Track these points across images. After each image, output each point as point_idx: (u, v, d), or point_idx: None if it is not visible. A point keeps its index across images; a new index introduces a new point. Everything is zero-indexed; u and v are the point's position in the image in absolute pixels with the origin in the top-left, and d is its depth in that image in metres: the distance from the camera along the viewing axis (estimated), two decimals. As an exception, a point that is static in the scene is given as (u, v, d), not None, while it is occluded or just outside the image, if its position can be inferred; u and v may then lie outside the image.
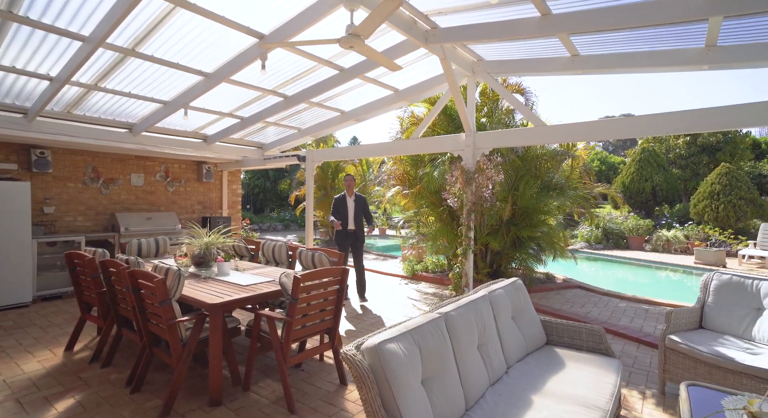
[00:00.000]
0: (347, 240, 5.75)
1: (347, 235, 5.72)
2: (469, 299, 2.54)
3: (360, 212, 5.77)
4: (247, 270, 4.14)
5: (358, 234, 5.77)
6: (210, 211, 8.54)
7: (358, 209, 5.76)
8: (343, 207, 5.73)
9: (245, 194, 22.63)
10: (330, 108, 6.28)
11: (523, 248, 6.76)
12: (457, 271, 4.90)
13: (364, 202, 5.87)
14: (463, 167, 4.95)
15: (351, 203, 5.76)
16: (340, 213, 5.70)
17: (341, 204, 5.75)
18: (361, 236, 5.78)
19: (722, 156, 17.64)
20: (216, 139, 6.72)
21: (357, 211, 5.75)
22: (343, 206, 5.73)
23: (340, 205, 5.75)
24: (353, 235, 5.76)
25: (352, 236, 5.75)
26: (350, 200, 5.76)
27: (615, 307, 5.78)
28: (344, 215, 5.69)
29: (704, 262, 10.00)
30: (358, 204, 5.79)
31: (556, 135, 4.37)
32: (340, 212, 5.70)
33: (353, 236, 5.76)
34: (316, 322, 3.22)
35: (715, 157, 17.88)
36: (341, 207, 5.73)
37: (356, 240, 5.77)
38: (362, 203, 5.83)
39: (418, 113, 7.17)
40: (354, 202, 5.77)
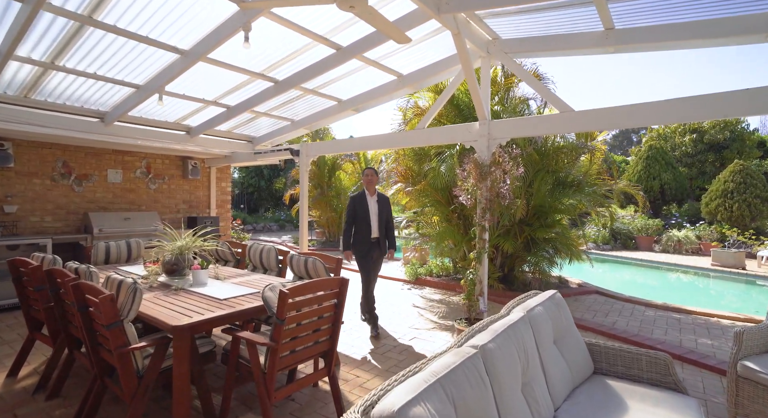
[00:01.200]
0: (370, 250, 4.37)
1: (370, 244, 4.37)
2: (505, 322, 1.95)
3: (384, 215, 4.46)
4: (228, 279, 3.54)
5: (383, 244, 4.46)
6: (197, 210, 7.92)
7: (381, 212, 4.45)
8: (362, 209, 4.39)
9: (239, 194, 21.98)
10: (326, 96, 5.68)
11: (537, 250, 6.19)
12: (471, 278, 4.31)
13: (387, 204, 4.53)
14: (476, 160, 4.37)
15: (373, 204, 4.44)
16: (359, 217, 4.39)
17: (360, 205, 4.40)
18: (385, 247, 4.51)
19: (729, 154, 17.19)
20: (200, 130, 6.10)
21: (381, 214, 4.44)
22: (363, 208, 4.39)
23: (359, 206, 4.40)
24: (377, 245, 4.42)
25: (376, 245, 4.41)
26: (372, 200, 4.44)
27: (642, 316, 5.22)
28: (364, 220, 4.37)
29: (722, 264, 9.48)
30: (382, 206, 4.47)
31: (585, 122, 3.79)
32: (358, 216, 4.40)
33: (377, 245, 4.41)
34: (308, 345, 2.62)
35: (722, 155, 17.43)
36: (360, 209, 4.39)
37: (380, 252, 4.46)
38: (386, 206, 4.51)
39: (422, 105, 6.58)
40: (377, 203, 4.46)
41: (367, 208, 4.43)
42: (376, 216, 4.43)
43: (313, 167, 12.79)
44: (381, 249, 4.48)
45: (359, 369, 3.57)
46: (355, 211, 4.44)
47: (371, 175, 4.53)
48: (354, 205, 4.47)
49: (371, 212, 4.42)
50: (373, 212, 4.43)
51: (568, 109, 3.90)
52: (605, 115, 3.66)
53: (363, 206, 4.42)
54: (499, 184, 4.27)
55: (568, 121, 3.90)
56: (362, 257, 4.42)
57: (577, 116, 3.84)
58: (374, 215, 4.43)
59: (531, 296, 2.56)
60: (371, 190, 4.52)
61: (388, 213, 4.53)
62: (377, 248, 4.46)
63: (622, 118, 3.55)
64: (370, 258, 4.42)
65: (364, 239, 4.39)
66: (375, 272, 4.53)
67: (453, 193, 4.52)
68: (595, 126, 3.71)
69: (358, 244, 4.41)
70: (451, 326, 4.84)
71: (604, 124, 3.65)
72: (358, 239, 4.41)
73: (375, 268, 4.52)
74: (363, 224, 4.39)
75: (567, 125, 3.91)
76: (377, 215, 4.43)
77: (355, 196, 4.54)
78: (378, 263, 4.54)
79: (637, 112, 3.48)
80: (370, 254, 4.40)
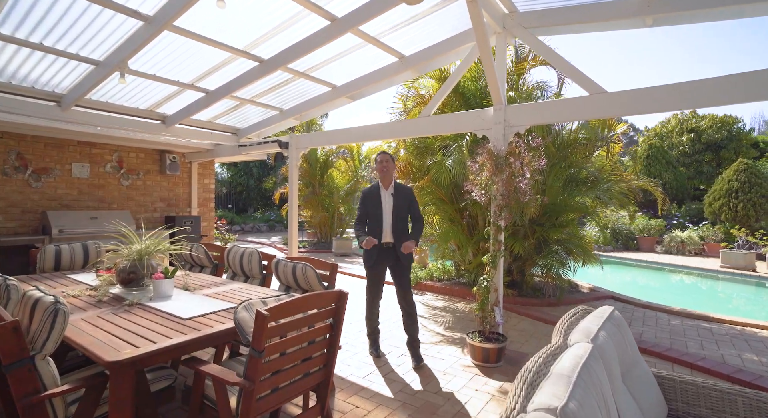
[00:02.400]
0: (381, 260, 3.54)
1: (381, 252, 3.52)
2: (573, 361, 1.38)
3: (403, 213, 3.56)
4: (200, 290, 2.92)
5: (399, 251, 3.50)
6: (176, 209, 7.24)
7: (399, 208, 3.53)
8: (374, 206, 3.55)
9: (227, 193, 21.21)
10: (318, 81, 5.08)
11: (548, 253, 5.66)
12: (485, 285, 3.75)
13: (409, 196, 3.62)
14: (491, 150, 3.81)
15: (388, 199, 3.54)
16: (371, 216, 3.57)
17: (372, 201, 3.56)
18: (405, 256, 3.52)
19: (726, 153, 17.00)
20: (177, 119, 5.45)
21: (398, 212, 3.52)
22: (375, 204, 3.55)
23: (370, 202, 3.57)
24: (390, 252, 3.53)
25: (388, 253, 3.54)
26: (386, 194, 3.55)
27: (669, 326, 4.72)
28: (376, 219, 3.53)
29: (732, 265, 9.10)
30: (401, 201, 3.54)
31: (621, 105, 3.25)
32: (370, 215, 3.58)
33: (390, 253, 3.53)
34: (296, 379, 2.03)
35: (719, 155, 17.23)
36: (372, 205, 3.55)
37: (396, 261, 3.55)
38: (407, 199, 3.58)
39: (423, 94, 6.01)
40: (393, 197, 3.54)
41: (379, 204, 3.53)
42: (390, 215, 3.51)
43: (304, 165, 12.16)
44: (398, 257, 3.50)
45: (358, 397, 2.98)
46: (365, 208, 3.60)
47: (386, 162, 3.56)
48: (365, 201, 3.61)
49: (384, 210, 3.51)
50: (387, 209, 3.51)
51: (600, 91, 3.37)
52: (645, 96, 3.13)
53: (375, 202, 3.56)
54: (517, 178, 3.72)
55: (599, 105, 3.36)
56: (370, 267, 3.60)
57: (611, 99, 3.30)
58: (388, 213, 3.51)
59: (582, 315, 2.00)
60: (386, 181, 3.59)
61: (408, 210, 3.59)
62: (390, 257, 3.53)
63: (667, 99, 3.02)
64: (380, 269, 3.59)
65: (375, 244, 3.50)
66: (399, 283, 3.59)
67: (464, 188, 3.95)
68: (631, 109, 3.18)
69: (367, 253, 3.56)
70: (459, 339, 4.27)
71: (644, 106, 3.12)
72: (368, 248, 3.56)
73: (397, 280, 3.60)
74: (374, 224, 3.55)
75: (598, 109, 3.37)
76: (392, 214, 3.51)
77: (366, 190, 3.69)
78: (398, 273, 3.56)
79: (686, 92, 2.95)
80: (380, 263, 3.56)
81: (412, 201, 3.64)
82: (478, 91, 5.70)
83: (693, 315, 5.09)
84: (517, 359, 3.81)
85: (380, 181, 3.64)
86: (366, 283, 3.75)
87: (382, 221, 3.54)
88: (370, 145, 13.25)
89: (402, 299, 3.61)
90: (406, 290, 3.61)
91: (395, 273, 3.60)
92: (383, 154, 3.65)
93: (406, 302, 3.60)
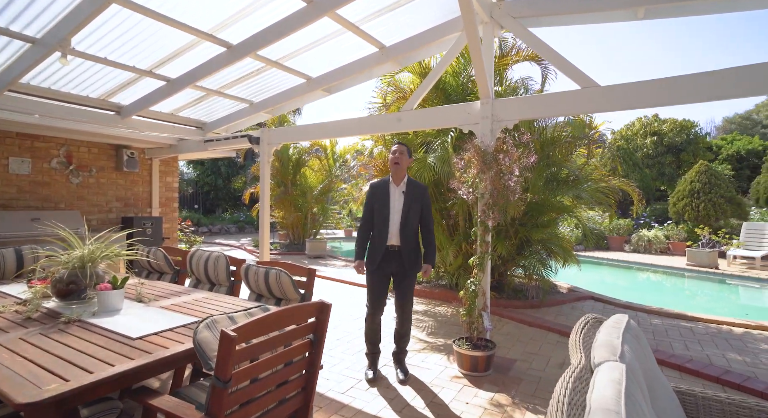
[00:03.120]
0: (385, 265, 3.13)
1: (386, 255, 3.12)
2: (616, 389, 1.15)
3: (413, 215, 3.14)
4: (157, 301, 2.53)
5: (406, 257, 3.11)
6: (134, 209, 6.65)
7: (410, 209, 3.11)
8: (382, 203, 3.15)
9: (193, 193, 20.22)
10: (292, 71, 4.73)
11: (531, 253, 5.56)
12: (473, 289, 3.53)
13: (423, 197, 3.19)
14: (478, 146, 3.61)
15: (398, 197, 3.14)
16: (377, 214, 3.15)
17: (379, 197, 3.17)
18: (410, 262, 3.13)
19: (685, 156, 17.87)
20: (134, 110, 4.93)
21: (408, 213, 3.11)
22: (383, 202, 3.15)
23: (378, 199, 3.17)
24: (396, 256, 3.12)
25: (393, 257, 3.13)
26: (396, 192, 3.16)
27: (651, 326, 4.69)
28: (383, 218, 3.12)
29: (697, 263, 9.42)
30: (413, 201, 3.13)
31: (613, 99, 3.12)
32: (376, 213, 3.17)
33: (396, 258, 3.12)
34: (269, 408, 1.71)
35: (679, 158, 18.10)
36: (379, 202, 3.16)
37: (401, 269, 3.14)
38: (420, 200, 3.16)
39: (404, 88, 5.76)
40: (405, 195, 3.14)
41: (387, 201, 3.14)
42: (399, 215, 3.12)
43: (276, 164, 11.66)
44: (404, 264, 3.12)
45: (339, 416, 2.68)
46: (371, 205, 3.20)
47: (399, 154, 3.12)
48: (372, 197, 3.21)
49: (392, 209, 3.13)
50: (396, 207, 3.13)
51: (592, 84, 3.23)
52: (639, 90, 3.01)
53: (383, 199, 3.15)
54: (506, 175, 3.53)
55: (592, 99, 3.22)
56: (371, 273, 3.19)
57: (604, 93, 3.17)
58: (396, 213, 3.13)
59: (594, 325, 1.80)
60: (398, 176, 3.17)
61: (420, 211, 3.17)
62: (395, 262, 3.13)
63: (661, 93, 2.91)
64: (383, 275, 3.17)
65: (378, 245, 3.13)
66: (399, 294, 3.21)
67: (450, 186, 3.73)
68: (625, 104, 3.06)
69: (370, 252, 3.19)
70: (444, 346, 4.05)
71: (638, 101, 3.00)
72: (372, 246, 3.20)
73: (399, 291, 3.21)
74: (380, 223, 3.14)
75: (591, 103, 3.23)
76: (401, 214, 3.12)
77: (375, 184, 3.27)
78: (401, 283, 3.18)
79: (681, 86, 2.84)
80: (383, 269, 3.14)
81: (426, 205, 3.22)
82: (460, 87, 5.53)
83: (671, 314, 5.10)
84: (506, 366, 3.62)
85: (391, 176, 3.22)
86: (366, 292, 3.30)
87: (389, 221, 3.12)
88: (344, 144, 12.93)
89: (399, 308, 3.26)
90: (407, 300, 3.25)
91: (398, 280, 3.21)
92: (399, 145, 3.22)
93: (402, 311, 3.26)
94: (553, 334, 4.46)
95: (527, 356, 3.84)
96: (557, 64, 3.41)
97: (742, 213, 11.60)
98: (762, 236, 10.17)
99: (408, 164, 3.28)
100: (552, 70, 4.89)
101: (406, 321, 3.32)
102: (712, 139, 21.47)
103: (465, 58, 5.32)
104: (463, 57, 5.32)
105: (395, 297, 3.29)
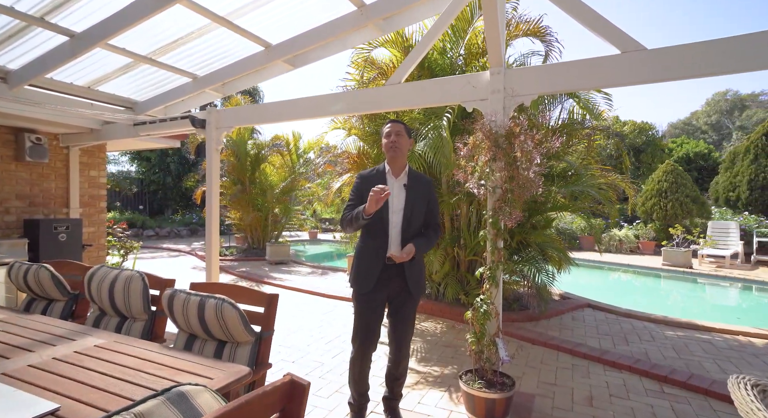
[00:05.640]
0: (382, 286, 2.28)
1: (381, 270, 2.26)
2: None
3: (418, 216, 2.32)
4: (4, 357, 1.49)
5: (409, 273, 2.28)
6: (44, 210, 5.30)
7: (414, 208, 2.30)
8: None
9: (138, 192, 18.22)
10: (246, 34, 3.73)
11: (529, 258, 4.90)
12: (484, 309, 2.74)
13: (429, 192, 2.39)
14: (489, 128, 2.82)
15: (398, 193, 2.31)
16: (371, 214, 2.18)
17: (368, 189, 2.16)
18: (415, 281, 2.31)
19: (645, 157, 18.42)
20: (27, 77, 3.69)
21: (411, 214, 2.29)
22: None
23: (365, 191, 2.19)
24: (396, 273, 2.28)
25: (393, 275, 2.28)
26: (397, 186, 2.32)
27: (667, 339, 4.15)
28: (380, 221, 2.26)
29: (672, 263, 9.31)
30: (417, 197, 2.32)
31: (669, 66, 2.44)
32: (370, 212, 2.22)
33: (396, 275, 2.28)
34: None
35: (639, 159, 18.65)
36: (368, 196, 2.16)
37: (402, 290, 2.32)
38: (426, 196, 2.36)
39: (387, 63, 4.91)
40: (407, 190, 2.32)
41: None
42: (400, 216, 2.26)
43: (232, 159, 10.41)
44: (406, 282, 2.28)
45: None
46: (361, 199, 2.27)
47: (396, 135, 2.29)
48: (362, 191, 2.28)
49: (392, 209, 2.27)
50: (396, 207, 2.28)
51: (636, 47, 2.54)
52: (704, 52, 2.34)
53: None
54: (523, 163, 2.77)
55: (635, 66, 2.53)
56: (361, 297, 2.31)
57: (652, 58, 2.49)
58: (397, 213, 2.27)
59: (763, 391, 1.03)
60: (397, 165, 2.34)
61: (424, 211, 2.34)
62: (395, 281, 2.28)
63: (734, 56, 2.26)
64: (377, 300, 2.28)
65: (372, 258, 2.27)
66: (397, 320, 2.36)
67: (455, 178, 2.92)
68: (681, 71, 2.40)
69: (360, 269, 2.30)
70: (442, 377, 3.23)
71: (701, 67, 2.34)
72: (363, 259, 2.32)
73: (396, 316, 2.36)
74: (375, 228, 2.27)
75: (634, 72, 2.54)
76: (402, 215, 2.27)
77: (366, 175, 2.39)
78: (399, 311, 2.34)
79: (761, 45, 2.20)
80: (378, 290, 2.27)
81: (432, 201, 2.39)
82: (449, 66, 4.77)
83: (680, 324, 4.62)
84: (525, 405, 2.86)
85: (388, 165, 2.36)
86: (353, 321, 2.38)
87: (388, 224, 2.26)
88: (309, 137, 11.89)
89: (395, 342, 2.40)
90: (406, 332, 2.39)
91: (396, 305, 2.35)
92: (394, 124, 2.34)
93: (399, 347, 2.40)
94: (564, 354, 3.79)
95: (545, 388, 3.11)
96: (586, 20, 2.69)
97: (705, 212, 11.80)
98: (727, 234, 10.30)
99: (409, 147, 2.42)
100: (557, 48, 4.25)
101: (403, 358, 2.47)
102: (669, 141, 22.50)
103: (456, 32, 4.56)
104: (453, 31, 4.56)
105: (390, 328, 2.43)
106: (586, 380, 3.25)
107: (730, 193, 12.17)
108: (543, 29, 4.19)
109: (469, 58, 4.64)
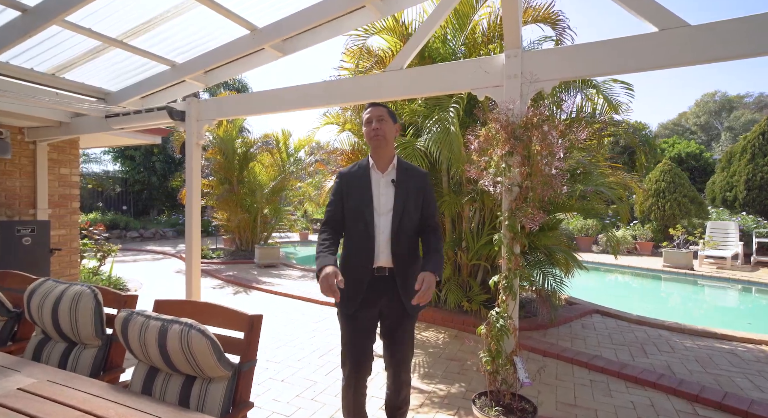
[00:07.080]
0: (370, 302, 1.89)
1: (372, 285, 1.88)
2: None
3: (411, 216, 1.92)
4: None
5: (403, 284, 1.88)
6: (6, 211, 4.83)
7: (405, 206, 1.90)
8: (360, 200, 1.91)
9: (121, 192, 17.57)
10: (230, 14, 3.33)
11: (537, 262, 4.59)
12: (501, 324, 2.39)
13: (424, 187, 1.97)
14: (506, 117, 2.48)
15: (385, 190, 1.93)
16: (353, 218, 1.93)
17: (356, 192, 1.93)
18: (410, 294, 1.79)
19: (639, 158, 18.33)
20: (-17, 62, 3.26)
21: (402, 213, 1.89)
22: (362, 198, 1.91)
23: (353, 194, 1.93)
24: (387, 285, 1.89)
25: (383, 288, 1.89)
26: (382, 182, 1.94)
27: (688, 350, 3.85)
28: (364, 224, 1.89)
29: (673, 264, 9.11)
30: (409, 193, 1.92)
31: (716, 44, 2.13)
32: (351, 216, 1.93)
33: (387, 287, 1.89)
34: None
35: (632, 159, 18.56)
36: (355, 199, 1.92)
37: (395, 305, 1.91)
38: (419, 192, 1.95)
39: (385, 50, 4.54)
40: (395, 186, 1.92)
41: (368, 197, 1.90)
42: (389, 218, 1.89)
43: (219, 157, 9.94)
44: (399, 296, 1.89)
45: None
46: (343, 203, 1.95)
47: (378, 121, 1.91)
48: (341, 191, 1.96)
49: (378, 209, 1.91)
50: (383, 207, 1.91)
51: (677, 23, 2.22)
52: (758, 27, 2.02)
53: (361, 194, 1.92)
54: (544, 159, 2.43)
55: (676, 45, 2.21)
56: (348, 317, 1.92)
57: (696, 36, 2.17)
58: (384, 213, 1.89)
59: None
60: (382, 157, 1.96)
61: (420, 209, 1.96)
62: (386, 294, 1.90)
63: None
64: (367, 318, 1.92)
65: (357, 269, 1.89)
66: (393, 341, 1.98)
67: (467, 174, 2.57)
68: (734, 50, 2.08)
69: (345, 282, 1.74)
70: (449, 396, 2.87)
71: (755, 45, 2.02)
72: (346, 273, 1.85)
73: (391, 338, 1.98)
74: (360, 234, 1.90)
75: (674, 52, 2.22)
76: (392, 216, 1.89)
77: (345, 172, 2.02)
78: (395, 331, 1.96)
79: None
80: (368, 307, 1.90)
81: (429, 197, 1.99)
82: (451, 56, 4.43)
83: (696, 332, 4.34)
84: (548, 433, 2.52)
85: (371, 158, 1.98)
86: (341, 343, 1.99)
87: (374, 228, 1.87)
88: (300, 135, 11.47)
89: (393, 366, 2.02)
90: (404, 354, 2.01)
91: (390, 323, 1.96)
92: (375, 108, 1.94)
93: (398, 372, 2.03)
94: (580, 368, 3.46)
95: (565, 410, 2.77)
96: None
97: (703, 212, 11.68)
98: (726, 235, 10.14)
99: (396, 134, 2.01)
100: (569, 35, 3.93)
101: (404, 385, 2.09)
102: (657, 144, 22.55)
103: (459, 18, 4.21)
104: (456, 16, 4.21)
105: (385, 351, 2.05)
106: (609, 399, 2.93)
107: (727, 194, 12.06)
108: (555, 14, 3.87)
109: (474, 47, 4.30)
